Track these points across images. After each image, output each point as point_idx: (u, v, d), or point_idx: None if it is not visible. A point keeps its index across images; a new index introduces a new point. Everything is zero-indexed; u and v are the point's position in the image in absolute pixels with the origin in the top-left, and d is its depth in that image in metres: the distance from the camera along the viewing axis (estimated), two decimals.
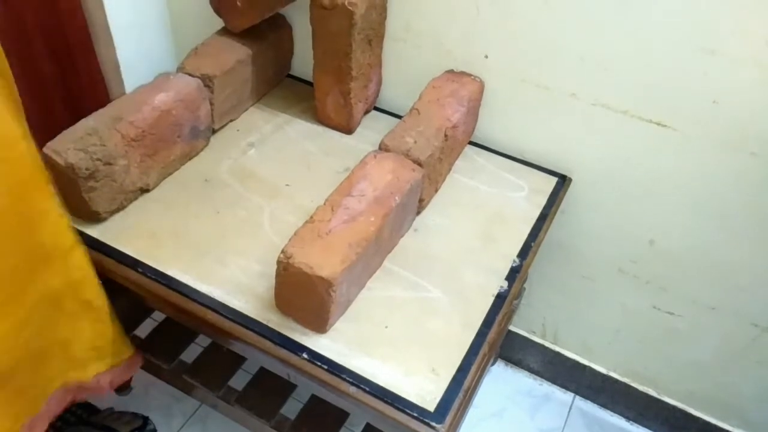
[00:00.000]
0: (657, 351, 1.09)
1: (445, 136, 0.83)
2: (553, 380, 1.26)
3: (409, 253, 0.80)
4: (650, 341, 1.08)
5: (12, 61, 1.00)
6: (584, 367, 1.19)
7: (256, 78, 0.97)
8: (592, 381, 1.20)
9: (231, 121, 0.96)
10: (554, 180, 0.93)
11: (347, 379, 0.67)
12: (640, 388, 1.15)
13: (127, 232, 0.78)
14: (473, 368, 0.69)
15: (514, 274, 0.79)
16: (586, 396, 1.24)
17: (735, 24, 0.71)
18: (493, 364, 1.28)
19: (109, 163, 0.75)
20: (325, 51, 0.89)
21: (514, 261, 0.81)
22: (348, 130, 0.97)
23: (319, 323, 0.69)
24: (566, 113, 0.88)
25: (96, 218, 0.78)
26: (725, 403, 1.08)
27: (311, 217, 0.70)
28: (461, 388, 0.67)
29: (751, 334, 0.96)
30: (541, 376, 1.28)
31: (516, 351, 1.27)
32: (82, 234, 0.77)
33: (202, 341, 0.98)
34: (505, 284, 0.78)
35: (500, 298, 0.76)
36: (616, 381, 1.17)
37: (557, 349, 1.21)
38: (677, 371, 1.09)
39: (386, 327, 0.72)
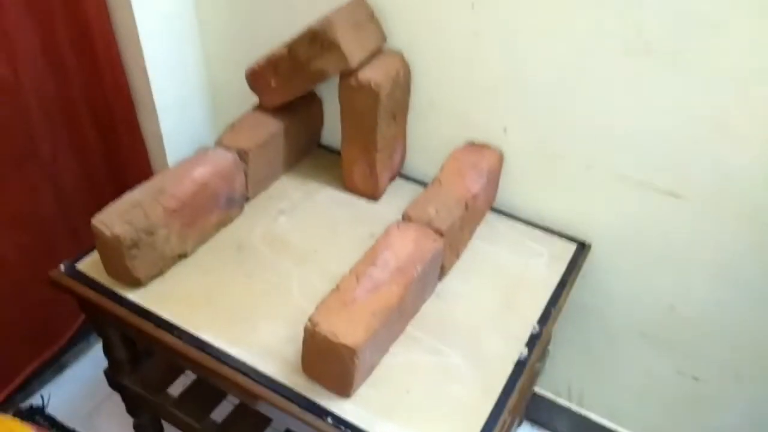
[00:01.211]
0: (684, 416, 1.08)
1: (466, 206, 0.87)
2: None
3: (431, 318, 0.83)
4: (677, 406, 1.08)
5: (62, 132, 1.09)
6: (610, 430, 1.18)
7: (287, 149, 1.03)
8: None
9: (263, 189, 1.02)
10: (573, 246, 0.95)
11: None
12: None
13: (164, 297, 0.83)
14: None
15: (534, 341, 0.81)
16: None
17: (742, 104, 0.75)
18: (518, 426, 1.27)
19: (151, 233, 0.80)
20: (353, 126, 0.95)
21: (534, 327, 0.83)
22: (374, 197, 1.02)
23: (344, 388, 0.72)
24: (583, 183, 0.92)
25: (137, 284, 0.83)
26: None
27: (337, 286, 0.74)
28: None
29: None
30: None
31: (542, 413, 1.27)
32: (123, 299, 0.82)
33: (232, 400, 1.01)
34: (525, 351, 0.80)
35: (520, 365, 0.78)
36: None
37: (584, 412, 1.20)
38: None
39: (408, 392, 0.75)
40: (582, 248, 0.95)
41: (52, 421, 1.25)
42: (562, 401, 1.22)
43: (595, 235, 0.96)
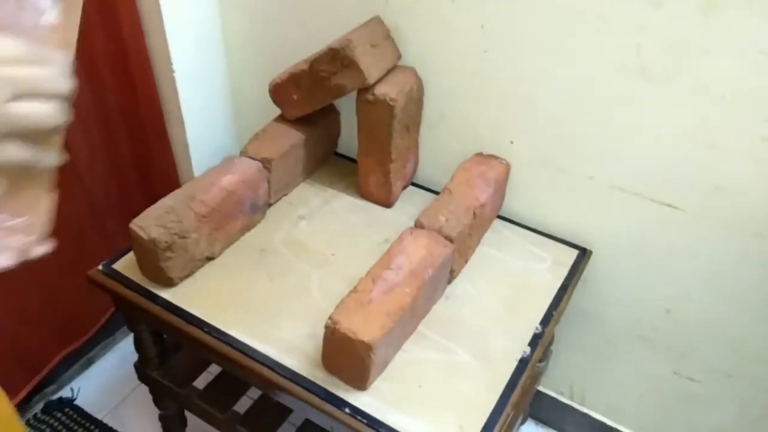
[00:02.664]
0: (680, 415, 1.13)
1: (474, 214, 0.93)
2: None
3: (441, 319, 0.89)
4: (673, 405, 1.13)
5: (97, 141, 1.16)
6: (611, 428, 1.24)
7: (307, 158, 1.10)
8: None
9: (284, 195, 1.09)
10: (575, 253, 1.01)
11: None
12: None
13: (195, 296, 0.90)
14: (497, 427, 0.77)
15: (536, 341, 0.87)
16: None
17: (729, 122, 0.81)
18: (523, 424, 1.33)
19: (184, 237, 0.87)
20: (369, 137, 1.01)
21: (537, 328, 0.89)
22: (388, 204, 1.08)
23: (360, 381, 0.79)
24: (585, 193, 0.98)
25: (170, 283, 0.90)
26: None
27: (355, 288, 0.80)
28: None
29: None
30: None
31: (545, 411, 1.32)
32: (157, 297, 0.89)
33: (253, 393, 1.08)
34: (528, 350, 0.86)
35: (523, 363, 0.84)
36: None
37: (585, 410, 1.26)
38: None
39: (419, 386, 0.81)
40: (583, 254, 1.01)
41: (81, 412, 1.32)
42: (565, 400, 1.27)
43: (596, 243, 1.02)
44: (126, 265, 0.94)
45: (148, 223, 0.85)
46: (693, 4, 0.75)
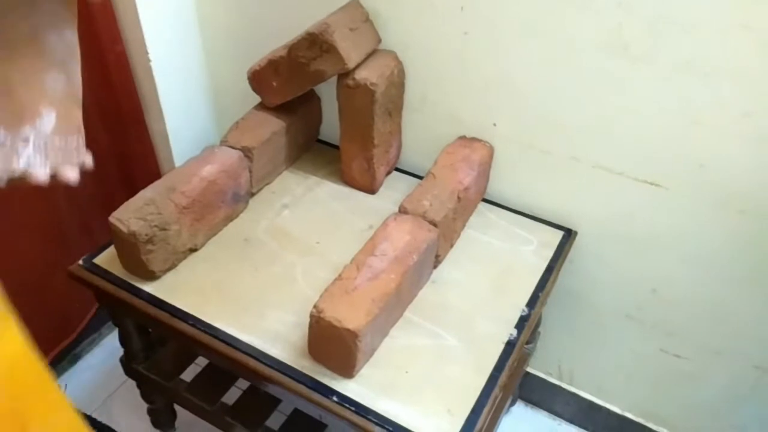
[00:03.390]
0: (668, 392, 1.14)
1: (458, 198, 0.92)
2: (571, 420, 1.32)
3: (427, 304, 0.89)
4: (661, 383, 1.14)
5: None
6: (600, 407, 1.25)
7: (288, 146, 1.08)
8: (608, 421, 1.25)
9: (267, 184, 1.07)
10: (561, 234, 1.01)
11: (372, 419, 0.75)
12: (655, 428, 1.21)
13: (178, 289, 0.89)
14: (485, 409, 0.77)
15: (523, 323, 0.87)
16: None
17: (713, 98, 0.80)
18: (512, 405, 1.34)
19: (165, 229, 0.86)
20: (350, 123, 1.00)
21: (523, 310, 0.89)
22: (371, 190, 1.07)
23: (347, 369, 0.78)
24: (569, 174, 0.98)
25: (152, 276, 0.89)
26: None
27: (339, 275, 0.79)
28: (474, 428, 0.75)
29: (754, 376, 1.02)
30: (560, 417, 1.33)
31: (535, 392, 1.33)
32: (140, 291, 0.88)
33: (241, 384, 1.07)
34: (515, 332, 0.86)
35: (510, 345, 0.84)
36: (632, 421, 1.22)
37: (573, 390, 1.27)
38: (689, 412, 1.15)
39: (407, 372, 0.81)
40: (569, 236, 1.01)
41: None
42: (553, 380, 1.28)
43: (581, 223, 1.02)
44: (107, 259, 0.92)
45: (128, 215, 0.84)
46: None
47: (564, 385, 1.27)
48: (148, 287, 0.89)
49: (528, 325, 0.87)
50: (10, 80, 0.41)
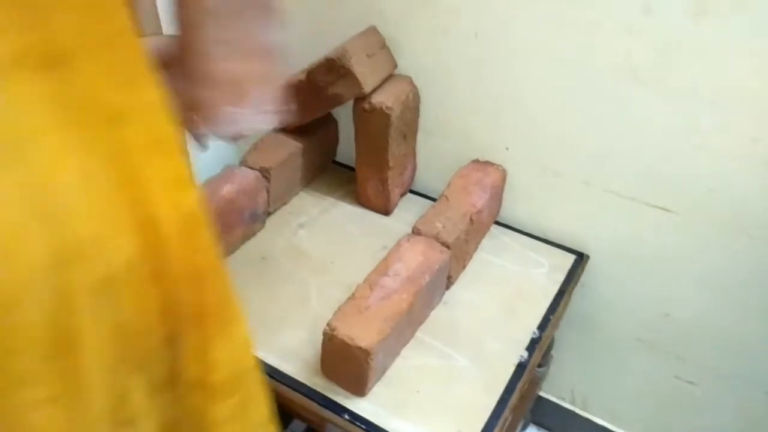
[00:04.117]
0: (681, 418, 1.14)
1: (471, 220, 0.94)
2: None
3: (439, 324, 0.90)
4: (674, 409, 1.13)
5: None
6: None
7: (305, 167, 1.11)
8: None
9: (283, 204, 1.10)
10: (573, 257, 1.02)
11: None
12: None
13: None
14: (495, 431, 0.78)
15: (534, 345, 0.88)
16: None
17: (721, 123, 0.82)
18: (524, 429, 1.33)
19: None
20: (366, 146, 1.02)
21: (534, 333, 0.90)
22: (386, 212, 1.09)
23: (359, 387, 0.79)
24: (580, 198, 0.99)
25: None
26: None
27: (353, 294, 0.81)
28: None
29: (766, 402, 1.01)
30: None
31: (547, 417, 1.32)
32: None
33: None
34: (526, 354, 0.87)
35: (521, 367, 0.85)
36: None
37: (586, 415, 1.26)
38: None
39: (418, 391, 0.81)
40: (581, 259, 1.02)
41: None
42: (566, 405, 1.28)
43: (593, 247, 1.03)
44: None
45: None
46: (682, 9, 0.77)
47: (577, 410, 1.27)
48: None
49: (539, 347, 0.88)
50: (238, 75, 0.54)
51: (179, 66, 0.53)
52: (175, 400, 0.51)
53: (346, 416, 0.78)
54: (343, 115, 1.14)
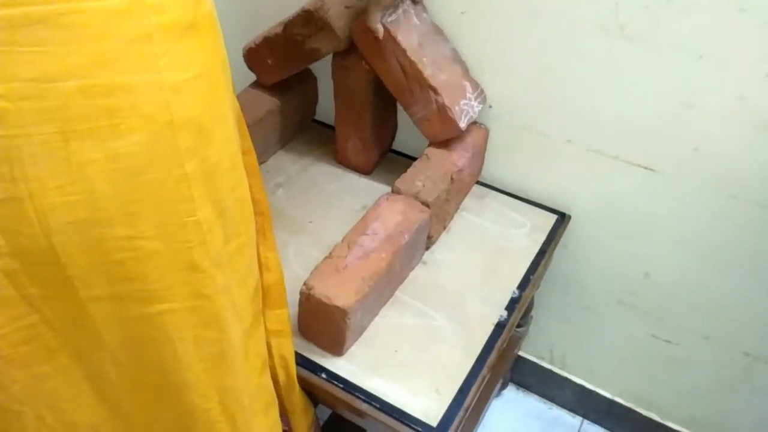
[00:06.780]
0: (658, 377, 1.15)
1: (452, 179, 0.92)
2: (562, 404, 1.33)
3: (419, 284, 0.89)
4: (651, 368, 1.15)
5: None
6: (591, 392, 1.25)
7: (283, 125, 1.08)
8: (598, 406, 1.26)
9: (261, 163, 1.07)
10: (554, 217, 1.01)
11: (360, 396, 0.75)
12: (644, 413, 1.21)
13: None
14: (473, 389, 0.77)
15: (513, 305, 0.87)
16: (593, 420, 1.30)
17: (708, 81, 0.80)
18: (503, 388, 1.35)
19: None
20: (345, 103, 0.99)
21: (514, 293, 0.89)
22: (366, 171, 1.07)
23: (337, 347, 0.79)
24: (563, 157, 0.97)
25: None
26: (724, 430, 1.14)
27: (330, 253, 0.79)
28: (461, 407, 0.75)
29: (743, 363, 1.02)
30: (551, 401, 1.34)
31: (526, 376, 1.34)
32: None
33: None
34: (505, 314, 0.86)
35: (500, 327, 0.85)
36: (622, 406, 1.23)
37: (565, 374, 1.27)
38: (678, 397, 1.15)
39: (396, 351, 0.81)
40: (562, 219, 1.01)
41: None
42: (545, 365, 1.29)
43: (574, 207, 1.02)
44: None
45: None
46: None
47: (556, 370, 1.28)
48: None
49: (518, 307, 0.88)
50: None
51: None
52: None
53: (323, 375, 0.77)
54: (323, 72, 1.11)
